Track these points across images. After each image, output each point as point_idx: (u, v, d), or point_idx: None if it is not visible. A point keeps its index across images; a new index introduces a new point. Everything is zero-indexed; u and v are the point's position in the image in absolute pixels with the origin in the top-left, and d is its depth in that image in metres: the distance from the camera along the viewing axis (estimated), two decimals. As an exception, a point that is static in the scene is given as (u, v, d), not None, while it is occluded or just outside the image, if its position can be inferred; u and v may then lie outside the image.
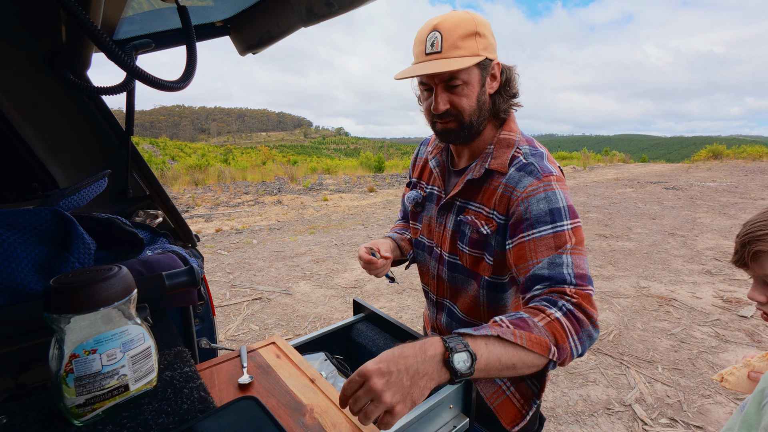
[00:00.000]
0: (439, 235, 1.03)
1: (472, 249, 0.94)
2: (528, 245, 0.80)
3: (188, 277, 0.82)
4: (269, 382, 0.81)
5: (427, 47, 0.84)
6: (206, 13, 1.10)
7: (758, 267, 0.70)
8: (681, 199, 8.98)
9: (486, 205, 0.90)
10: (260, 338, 3.27)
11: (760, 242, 0.68)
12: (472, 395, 0.87)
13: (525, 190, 0.83)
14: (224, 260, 5.33)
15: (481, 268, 0.94)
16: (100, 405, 0.58)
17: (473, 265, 0.95)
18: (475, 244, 0.93)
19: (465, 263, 0.97)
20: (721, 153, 20.51)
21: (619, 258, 5.00)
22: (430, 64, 0.82)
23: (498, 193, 0.88)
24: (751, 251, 0.70)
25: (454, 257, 0.99)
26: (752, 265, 0.71)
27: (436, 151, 1.08)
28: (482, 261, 0.93)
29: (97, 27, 0.54)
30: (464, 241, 0.95)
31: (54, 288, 0.54)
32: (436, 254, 1.06)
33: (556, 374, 2.67)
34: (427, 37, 0.84)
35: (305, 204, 9.91)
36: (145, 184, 1.39)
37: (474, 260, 0.94)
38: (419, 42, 0.86)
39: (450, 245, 0.99)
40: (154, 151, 43.08)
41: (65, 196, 0.88)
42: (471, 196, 0.94)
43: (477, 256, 0.94)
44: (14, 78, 1.02)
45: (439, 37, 0.82)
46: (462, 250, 0.97)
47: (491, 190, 0.90)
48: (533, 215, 0.81)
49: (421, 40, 0.85)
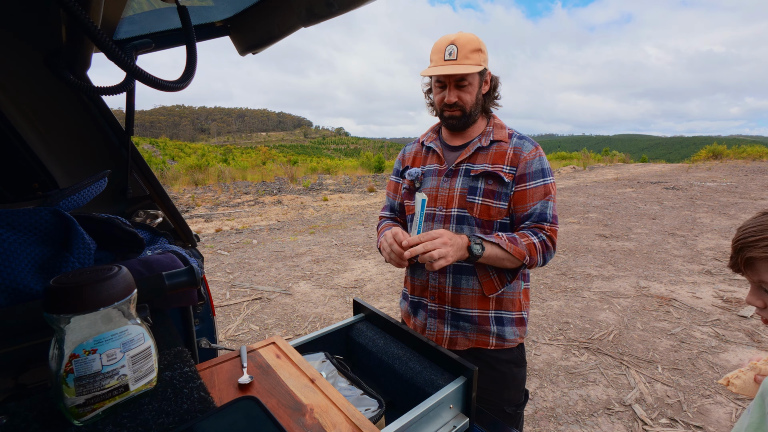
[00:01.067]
0: (444, 197, 1.24)
1: (485, 199, 1.19)
2: (528, 192, 1.18)
3: (188, 277, 0.82)
4: (269, 382, 0.81)
5: (446, 55, 1.15)
6: (206, 13, 1.10)
7: (752, 273, 0.70)
8: (681, 199, 8.99)
9: (497, 163, 1.19)
10: (260, 338, 3.27)
11: (752, 248, 0.68)
12: (472, 395, 0.87)
13: (529, 153, 1.19)
14: (224, 260, 5.33)
15: (491, 213, 1.19)
16: (100, 405, 0.58)
17: (483, 213, 1.19)
18: (488, 194, 1.19)
19: (474, 213, 1.20)
20: (721, 153, 20.52)
21: (619, 258, 5.00)
22: (449, 67, 1.14)
23: (510, 153, 1.20)
24: (744, 257, 0.70)
25: (463, 211, 1.21)
26: (746, 270, 0.71)
27: (431, 139, 1.34)
28: (492, 208, 1.19)
29: (97, 27, 0.54)
30: (477, 193, 1.19)
31: (54, 288, 0.54)
32: (440, 216, 1.24)
33: (556, 374, 2.67)
34: (446, 48, 1.14)
35: (305, 204, 9.91)
36: (145, 184, 1.39)
37: (485, 208, 1.19)
38: (438, 51, 1.16)
39: (459, 201, 1.21)
40: (154, 151, 43.08)
41: (65, 196, 0.88)
42: (476, 160, 1.22)
43: (489, 204, 1.19)
44: (14, 78, 1.02)
45: (455, 49, 1.13)
46: (473, 202, 1.20)
47: (500, 152, 1.20)
48: (533, 171, 1.18)
49: (440, 50, 1.16)
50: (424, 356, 0.99)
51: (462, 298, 1.23)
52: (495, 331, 1.24)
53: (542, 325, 3.37)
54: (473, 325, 1.24)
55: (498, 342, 1.25)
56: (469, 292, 1.23)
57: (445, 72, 1.13)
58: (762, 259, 0.67)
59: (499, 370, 1.26)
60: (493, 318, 1.24)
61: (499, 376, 1.26)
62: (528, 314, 1.32)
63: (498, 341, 1.25)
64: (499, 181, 1.18)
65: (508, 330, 1.25)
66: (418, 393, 0.90)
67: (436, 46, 1.17)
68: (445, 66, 1.14)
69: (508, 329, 1.25)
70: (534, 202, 1.17)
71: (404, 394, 0.96)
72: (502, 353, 1.26)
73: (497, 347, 1.25)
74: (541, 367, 2.78)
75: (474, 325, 1.24)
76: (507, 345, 1.26)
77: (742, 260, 0.70)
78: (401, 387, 0.97)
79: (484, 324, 1.24)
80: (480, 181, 1.19)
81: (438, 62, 1.16)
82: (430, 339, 1.02)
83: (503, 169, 1.18)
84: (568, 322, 3.38)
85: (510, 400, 1.28)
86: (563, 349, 2.99)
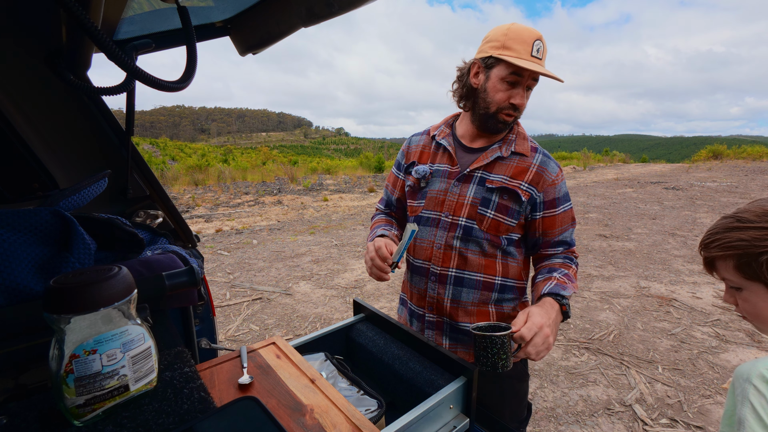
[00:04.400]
0: (453, 203, 1.14)
1: (497, 214, 1.10)
2: (558, 218, 1.12)
3: (188, 278, 0.82)
4: (269, 382, 0.81)
5: (534, 50, 1.01)
6: (206, 14, 1.10)
7: (716, 272, 0.75)
8: (681, 199, 8.98)
9: (515, 179, 1.10)
10: (260, 338, 3.27)
11: (708, 249, 0.74)
12: (472, 395, 0.87)
13: (556, 176, 1.11)
14: (224, 260, 5.33)
15: (500, 229, 1.11)
16: (100, 405, 0.58)
17: (492, 228, 1.11)
18: (501, 209, 1.10)
19: (483, 227, 1.11)
20: (721, 153, 20.50)
21: (620, 258, 5.00)
22: (538, 65, 1.01)
23: (532, 171, 1.10)
24: (705, 258, 0.76)
25: (471, 222, 1.12)
26: (711, 271, 0.76)
27: (443, 134, 1.22)
28: (502, 224, 1.11)
29: (97, 27, 0.54)
30: (490, 206, 1.10)
31: (54, 288, 0.54)
32: (446, 223, 1.15)
33: (556, 375, 2.67)
34: (534, 42, 1.01)
35: (305, 204, 9.91)
36: (145, 185, 1.39)
37: (495, 223, 1.11)
38: (523, 41, 1.01)
39: (469, 211, 1.12)
40: (154, 152, 43.09)
41: (65, 197, 0.88)
42: (493, 170, 1.12)
43: (500, 219, 1.10)
44: (14, 78, 1.02)
45: (542, 47, 1.03)
46: (484, 215, 1.11)
47: (522, 168, 1.10)
48: (561, 196, 1.12)
49: (527, 41, 1.01)
50: (424, 356, 0.99)
51: (461, 312, 1.16)
52: None
53: (542, 325, 3.36)
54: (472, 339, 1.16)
55: None
56: (468, 305, 1.15)
57: (538, 70, 0.99)
58: (717, 258, 0.72)
59: (500, 385, 1.19)
60: None
61: (500, 391, 1.20)
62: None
63: None
64: (515, 198, 1.09)
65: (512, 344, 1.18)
66: (418, 393, 0.90)
67: (519, 35, 1.01)
68: (535, 63, 1.01)
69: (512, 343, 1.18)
70: (564, 228, 1.13)
71: (404, 395, 0.96)
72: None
73: None
74: (541, 367, 2.78)
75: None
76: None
77: (705, 261, 0.76)
78: (401, 387, 0.97)
79: None
80: (495, 194, 1.10)
81: (523, 55, 1.00)
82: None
83: (521, 185, 1.09)
84: (568, 323, 3.38)
85: (512, 416, 1.23)
86: (563, 349, 2.99)
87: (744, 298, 0.71)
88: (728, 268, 0.71)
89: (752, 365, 0.60)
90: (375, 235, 1.21)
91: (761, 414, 0.55)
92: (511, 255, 1.17)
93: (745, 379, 0.59)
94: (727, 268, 0.71)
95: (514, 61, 0.99)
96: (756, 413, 0.56)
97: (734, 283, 0.72)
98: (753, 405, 0.57)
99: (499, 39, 1.03)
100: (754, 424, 0.56)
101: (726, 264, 0.71)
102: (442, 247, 1.15)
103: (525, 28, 1.02)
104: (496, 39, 1.03)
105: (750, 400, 0.57)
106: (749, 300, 0.70)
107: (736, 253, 0.68)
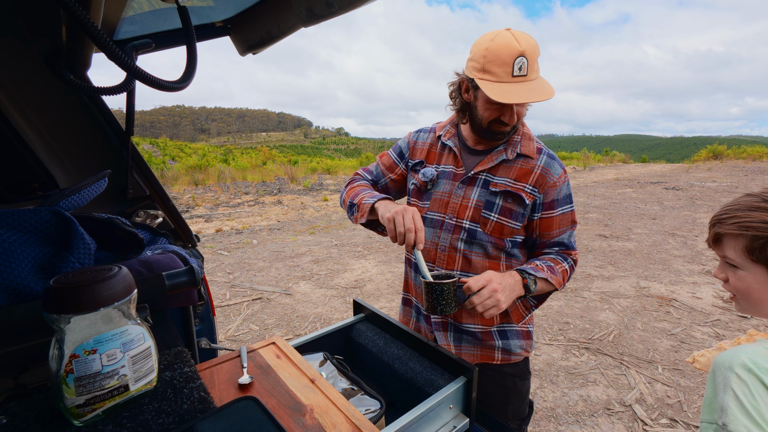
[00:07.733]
0: (457, 206, 1.14)
1: (501, 217, 1.10)
2: (555, 219, 1.12)
3: (188, 277, 0.82)
4: (269, 382, 0.81)
5: (515, 70, 0.95)
6: (206, 13, 1.10)
7: (719, 248, 0.74)
8: (681, 199, 8.98)
9: (519, 181, 1.09)
10: (260, 338, 3.27)
11: (722, 224, 0.72)
12: (472, 395, 0.87)
13: (559, 178, 1.10)
14: (224, 260, 5.33)
15: (504, 232, 1.11)
16: (100, 405, 0.58)
17: (495, 231, 1.11)
18: (505, 212, 1.10)
19: (486, 229, 1.11)
20: (721, 153, 20.49)
21: (619, 258, 5.00)
22: (522, 88, 0.96)
23: (536, 173, 1.09)
24: (714, 233, 0.74)
25: (475, 225, 1.12)
26: (715, 246, 0.75)
27: (449, 135, 1.21)
28: (505, 227, 1.11)
29: (97, 27, 0.54)
30: (494, 209, 1.10)
31: (54, 288, 0.54)
32: (450, 225, 1.15)
33: (556, 375, 2.67)
34: (514, 60, 0.95)
35: (305, 204, 9.91)
36: (145, 184, 1.39)
37: (499, 226, 1.11)
38: (502, 63, 0.95)
39: (473, 214, 1.12)
40: (154, 152, 43.07)
41: (65, 197, 0.88)
42: (497, 172, 1.11)
43: (504, 222, 1.10)
44: (14, 78, 1.02)
45: (526, 63, 0.96)
46: (487, 218, 1.11)
47: (526, 170, 1.10)
48: (562, 197, 1.11)
49: (506, 62, 0.95)
50: (424, 356, 0.99)
51: (464, 312, 1.15)
52: (500, 345, 1.18)
53: (542, 325, 3.37)
54: (476, 340, 1.18)
55: (504, 356, 1.19)
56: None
57: (520, 100, 0.94)
58: (729, 235, 0.71)
59: (503, 384, 1.21)
60: (496, 332, 1.18)
61: (502, 390, 1.21)
62: (533, 327, 1.26)
63: (504, 355, 1.19)
64: (519, 202, 1.09)
65: (514, 343, 1.19)
66: (418, 393, 0.90)
67: (497, 56, 0.95)
68: (516, 85, 0.96)
69: (514, 342, 1.19)
70: (562, 230, 1.13)
71: (404, 395, 0.96)
72: (506, 367, 1.21)
73: (503, 361, 1.20)
74: (541, 367, 2.78)
75: (477, 340, 1.18)
76: (513, 359, 1.20)
77: (713, 236, 0.75)
78: (401, 387, 0.97)
79: (487, 339, 1.18)
80: (499, 198, 1.10)
81: (504, 78, 0.96)
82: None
83: (525, 188, 1.08)
84: (568, 323, 3.38)
85: (515, 414, 1.24)
86: (563, 350, 2.99)
87: (740, 277, 0.70)
88: (737, 247, 0.69)
89: (733, 353, 0.60)
90: (377, 197, 1.13)
91: (743, 401, 0.56)
92: (515, 257, 1.17)
93: (727, 368, 0.59)
94: (736, 247, 0.69)
95: (490, 94, 0.94)
96: (738, 401, 0.56)
97: (735, 262, 0.70)
98: (735, 393, 0.57)
99: (479, 60, 0.98)
100: (736, 411, 0.56)
101: (736, 242, 0.69)
102: (446, 249, 1.15)
103: (505, 45, 0.95)
104: (477, 59, 0.99)
105: (732, 388, 0.57)
106: (744, 280, 0.69)
107: (753, 235, 0.66)
